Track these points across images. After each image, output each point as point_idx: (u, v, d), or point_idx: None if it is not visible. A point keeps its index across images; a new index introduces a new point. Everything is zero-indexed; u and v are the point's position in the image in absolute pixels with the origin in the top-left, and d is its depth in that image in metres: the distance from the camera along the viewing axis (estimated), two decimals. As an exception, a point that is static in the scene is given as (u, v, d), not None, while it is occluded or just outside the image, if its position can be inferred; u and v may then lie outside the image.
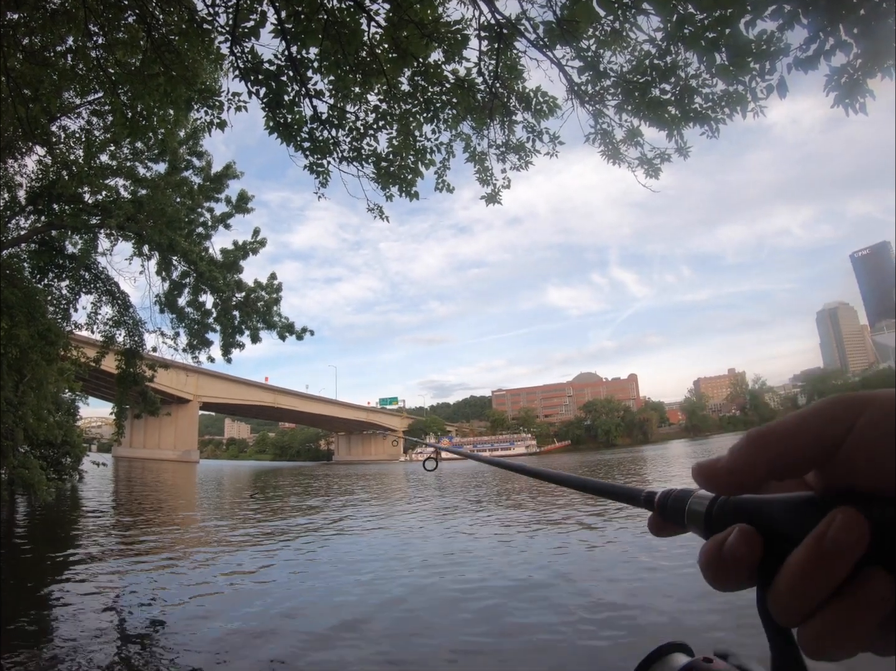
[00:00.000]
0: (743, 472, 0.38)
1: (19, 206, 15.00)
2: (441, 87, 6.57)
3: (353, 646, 5.69)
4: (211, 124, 6.76)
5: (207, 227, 17.88)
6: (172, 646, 5.82)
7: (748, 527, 0.36)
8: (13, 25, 7.22)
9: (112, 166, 15.72)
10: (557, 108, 6.98)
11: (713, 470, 0.39)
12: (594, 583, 7.64)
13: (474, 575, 8.33)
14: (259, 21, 5.55)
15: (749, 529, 0.36)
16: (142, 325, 17.93)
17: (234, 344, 17.79)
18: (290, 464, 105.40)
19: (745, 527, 0.36)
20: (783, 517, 0.35)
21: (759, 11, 4.33)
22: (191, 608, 7.15)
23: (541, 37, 6.06)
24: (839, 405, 0.35)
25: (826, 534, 0.32)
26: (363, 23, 5.74)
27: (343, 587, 8.03)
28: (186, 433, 78.76)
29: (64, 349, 15.26)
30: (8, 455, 14.76)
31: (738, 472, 0.38)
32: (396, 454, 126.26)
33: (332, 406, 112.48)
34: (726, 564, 0.36)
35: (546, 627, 5.96)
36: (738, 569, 0.36)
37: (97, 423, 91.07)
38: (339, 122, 6.80)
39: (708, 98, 5.84)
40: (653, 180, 7.07)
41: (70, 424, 23.76)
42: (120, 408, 18.65)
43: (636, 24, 5.61)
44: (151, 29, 5.83)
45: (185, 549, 11.52)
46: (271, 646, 5.70)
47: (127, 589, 8.19)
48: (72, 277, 16.40)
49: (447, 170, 7.63)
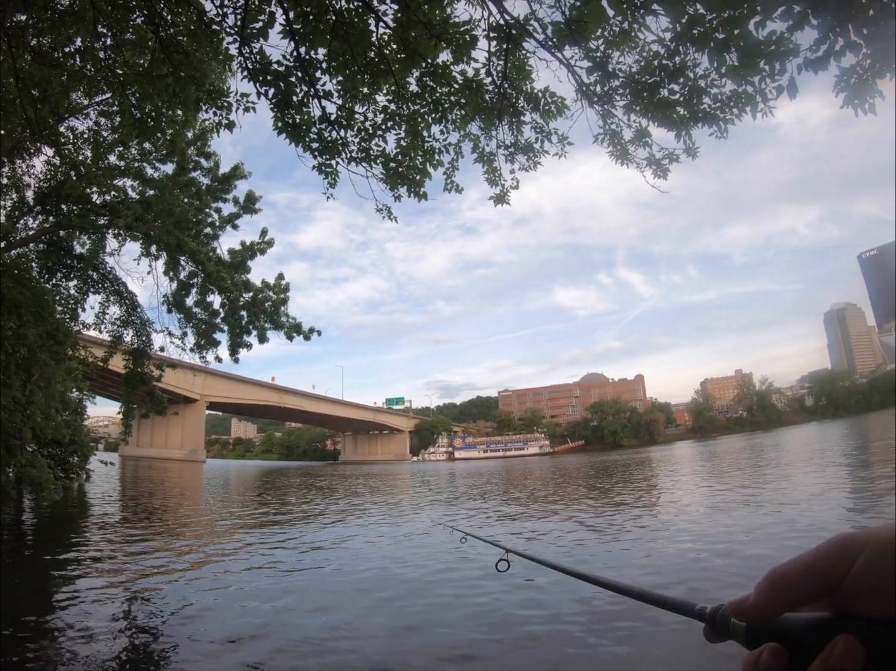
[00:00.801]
0: (765, 611, 0.49)
1: (28, 207, 15.06)
2: (449, 88, 6.56)
3: (362, 645, 5.69)
4: (219, 125, 6.76)
5: (215, 227, 17.89)
6: (176, 643, 5.84)
7: (777, 646, 0.46)
8: (21, 26, 7.26)
9: (120, 167, 15.77)
10: (566, 109, 6.96)
11: (744, 608, 0.50)
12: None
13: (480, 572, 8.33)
14: (267, 22, 5.55)
15: (778, 648, 0.46)
16: (149, 325, 17.96)
17: (241, 344, 17.80)
18: (296, 464, 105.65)
19: (774, 647, 0.46)
20: (803, 635, 0.45)
21: (769, 12, 4.30)
22: (196, 606, 7.17)
23: (549, 37, 6.04)
24: (841, 547, 0.45)
25: (830, 657, 0.42)
26: (371, 23, 5.73)
27: (351, 585, 8.03)
28: (193, 433, 78.96)
29: (72, 349, 15.33)
30: (16, 453, 14.86)
31: (762, 611, 0.49)
32: (403, 454, 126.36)
33: (339, 406, 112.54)
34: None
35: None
36: None
37: (104, 423, 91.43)
38: (347, 122, 6.80)
39: (717, 98, 5.80)
40: (661, 181, 7.04)
41: (77, 423, 23.86)
42: (127, 407, 18.69)
43: (645, 25, 5.59)
44: (160, 29, 5.84)
45: (191, 548, 11.55)
46: (277, 645, 5.71)
47: (133, 587, 8.21)
48: (80, 277, 16.44)
49: (456, 170, 7.62)
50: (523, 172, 7.64)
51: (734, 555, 8.59)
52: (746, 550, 8.93)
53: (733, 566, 7.96)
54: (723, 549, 9.01)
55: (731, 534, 10.38)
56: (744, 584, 0.62)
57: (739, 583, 6.92)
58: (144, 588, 8.16)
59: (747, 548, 9.09)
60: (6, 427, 13.65)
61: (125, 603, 7.49)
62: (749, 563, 7.92)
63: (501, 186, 7.69)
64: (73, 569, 9.38)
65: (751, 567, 7.68)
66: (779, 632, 0.47)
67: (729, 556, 8.53)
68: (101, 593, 7.84)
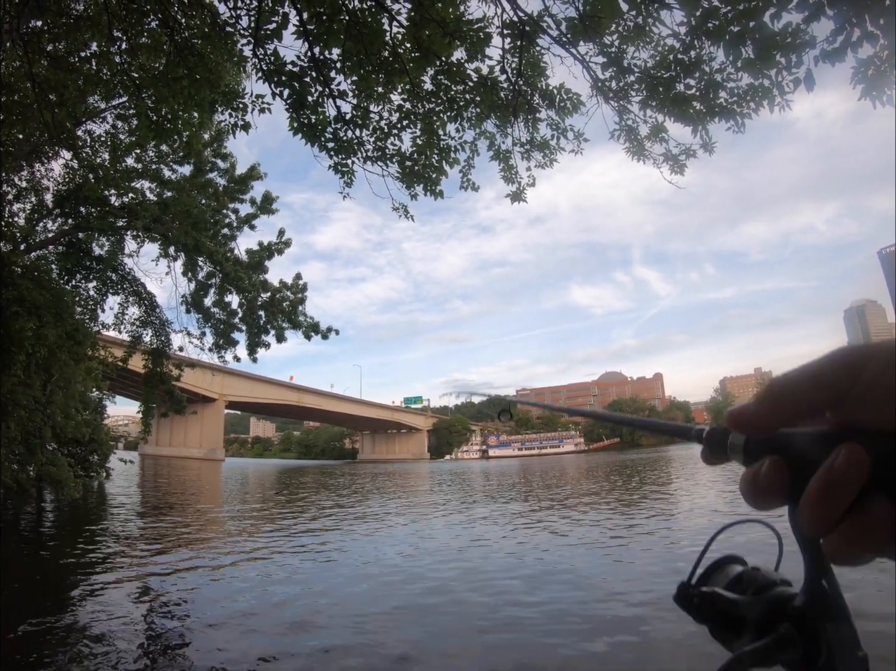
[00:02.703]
0: (766, 420, 0.45)
1: (47, 210, 15.22)
2: (464, 86, 6.54)
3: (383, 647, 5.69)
4: (235, 126, 6.79)
5: (232, 228, 17.97)
6: (193, 643, 5.86)
7: (778, 458, 0.44)
8: (37, 32, 7.33)
9: (137, 169, 15.90)
10: (581, 105, 6.92)
11: (743, 417, 0.46)
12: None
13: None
14: (281, 23, 5.56)
15: (778, 460, 0.44)
16: (168, 325, 18.09)
17: (259, 343, 17.89)
18: (314, 463, 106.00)
19: (775, 459, 0.44)
20: (805, 449, 0.43)
21: (784, 3, 4.26)
22: (215, 605, 7.20)
23: (564, 33, 6.01)
24: (847, 356, 0.42)
25: (834, 464, 0.39)
26: (385, 23, 5.73)
27: (374, 583, 8.04)
28: (212, 431, 79.46)
29: (91, 349, 15.50)
30: (36, 452, 15.05)
31: (763, 419, 0.45)
32: (421, 453, 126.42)
33: (357, 405, 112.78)
34: (762, 489, 0.44)
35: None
36: (771, 492, 0.44)
37: (124, 422, 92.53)
38: (362, 121, 6.80)
39: (733, 92, 5.74)
40: (678, 177, 6.99)
41: (97, 422, 24.07)
42: (147, 406, 18.84)
43: (659, 19, 5.55)
44: (174, 33, 5.87)
45: (210, 547, 11.62)
46: (296, 645, 5.72)
47: (151, 585, 8.26)
48: (99, 278, 16.60)
49: (472, 168, 7.61)
50: (539, 170, 7.63)
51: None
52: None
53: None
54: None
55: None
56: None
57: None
58: (163, 585, 8.21)
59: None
60: (27, 426, 13.81)
61: (143, 601, 7.53)
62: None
63: (518, 184, 7.67)
64: (91, 566, 9.47)
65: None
66: (779, 446, 0.45)
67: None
68: (119, 590, 7.90)
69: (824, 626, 0.45)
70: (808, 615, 0.46)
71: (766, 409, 0.45)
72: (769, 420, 0.45)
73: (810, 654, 0.46)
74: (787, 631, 0.47)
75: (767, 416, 0.45)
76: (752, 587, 0.54)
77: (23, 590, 7.91)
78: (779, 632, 0.48)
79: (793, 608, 0.48)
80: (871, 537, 0.39)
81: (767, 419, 0.45)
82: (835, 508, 0.40)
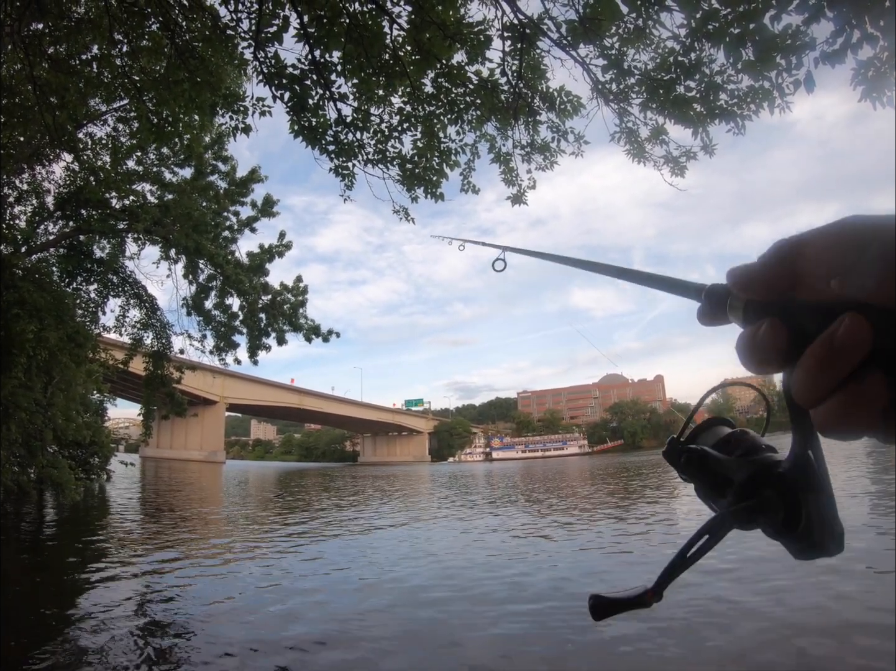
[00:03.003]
0: (770, 282, 0.44)
1: (48, 212, 15.25)
2: (465, 88, 6.55)
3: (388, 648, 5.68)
4: (236, 129, 6.81)
5: (233, 230, 18.02)
6: (193, 644, 5.86)
7: (777, 320, 0.43)
8: (38, 35, 7.35)
9: (138, 171, 15.95)
10: (582, 108, 6.93)
11: (745, 277, 0.46)
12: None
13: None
14: (282, 26, 5.57)
15: (778, 322, 0.43)
16: (169, 328, 18.12)
17: (260, 346, 17.93)
18: (315, 465, 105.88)
19: (774, 320, 0.43)
20: (807, 315, 0.42)
21: (784, 5, 4.27)
22: (214, 608, 7.20)
23: (564, 36, 6.03)
24: (859, 226, 0.40)
25: (835, 332, 0.38)
26: (385, 25, 5.74)
27: (375, 587, 8.04)
28: (213, 434, 79.37)
29: (92, 351, 15.49)
30: (37, 455, 15.04)
31: (766, 282, 0.44)
32: (422, 456, 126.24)
33: (358, 407, 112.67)
34: (759, 350, 0.44)
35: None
36: (768, 355, 0.43)
37: (125, 424, 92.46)
38: (363, 124, 6.81)
39: (733, 94, 5.75)
40: (678, 179, 7.00)
41: (98, 425, 24.02)
42: (148, 409, 18.86)
43: (659, 21, 5.56)
44: (175, 36, 5.88)
45: (210, 548, 11.62)
46: (294, 646, 5.72)
47: (151, 587, 8.26)
48: (100, 281, 16.63)
49: (472, 171, 7.63)
50: (540, 172, 7.64)
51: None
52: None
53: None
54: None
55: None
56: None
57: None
58: (164, 587, 8.21)
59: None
60: (28, 428, 13.82)
61: (143, 602, 7.53)
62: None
63: (518, 186, 7.68)
64: (91, 568, 9.45)
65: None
66: (780, 309, 0.44)
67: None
68: (118, 592, 7.89)
69: (806, 496, 0.47)
70: (791, 483, 0.47)
71: (771, 272, 0.44)
72: (773, 283, 0.44)
73: (789, 521, 0.47)
74: (769, 496, 0.49)
75: (771, 279, 0.44)
76: (739, 449, 0.55)
77: (23, 592, 7.92)
78: (762, 495, 0.49)
79: (777, 474, 0.49)
80: (862, 412, 0.39)
81: (771, 282, 0.44)
82: (830, 378, 0.39)
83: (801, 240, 0.43)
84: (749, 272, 0.45)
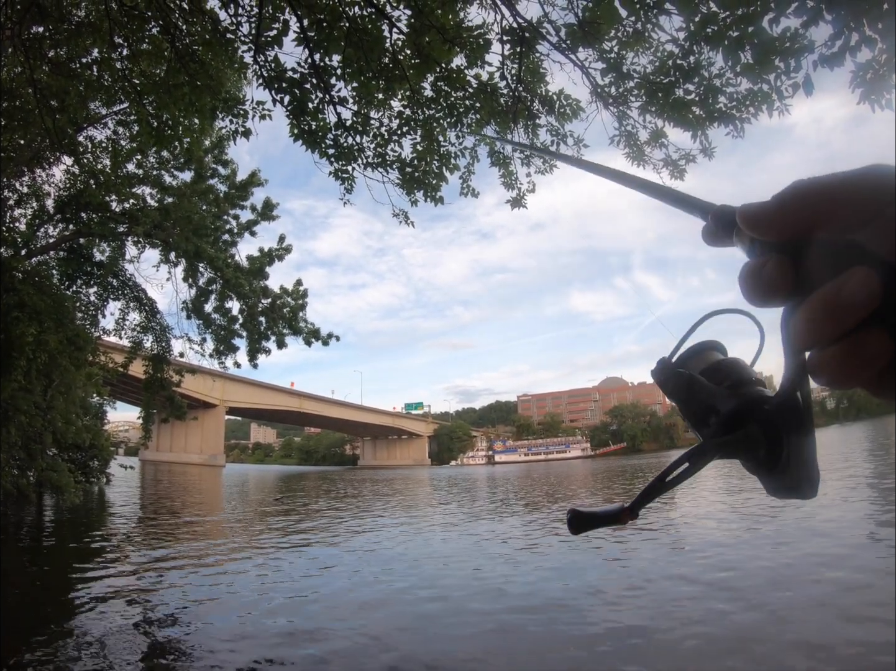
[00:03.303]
0: (780, 224, 0.42)
1: (48, 215, 15.23)
2: (464, 92, 6.56)
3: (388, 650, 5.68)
4: (236, 132, 6.82)
5: (233, 234, 17.98)
6: (193, 645, 5.87)
7: (785, 257, 0.42)
8: (39, 38, 7.36)
9: (138, 175, 15.92)
10: (581, 111, 6.95)
11: (758, 218, 0.43)
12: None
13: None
14: (281, 30, 5.59)
15: (786, 261, 0.42)
16: (169, 331, 18.06)
17: (260, 349, 17.88)
18: (315, 469, 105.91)
19: (783, 259, 0.42)
20: (817, 259, 0.41)
21: (783, 8, 4.27)
22: (214, 607, 7.20)
23: (563, 39, 6.05)
24: (881, 180, 0.38)
25: (845, 282, 0.37)
26: (385, 29, 5.76)
27: (375, 589, 8.03)
28: (213, 437, 79.22)
29: (92, 354, 15.47)
30: (36, 458, 15.01)
31: (778, 225, 0.42)
32: (422, 459, 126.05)
33: (358, 411, 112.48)
34: (764, 284, 0.42)
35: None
36: (772, 291, 0.42)
37: (125, 427, 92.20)
38: (363, 128, 6.82)
39: (732, 97, 5.76)
40: (678, 182, 7.01)
41: (98, 428, 23.98)
42: (147, 412, 18.83)
43: (658, 25, 5.57)
44: (175, 39, 5.89)
45: (210, 550, 11.61)
46: (293, 646, 5.72)
47: (150, 589, 8.26)
48: (100, 284, 16.60)
49: (472, 174, 7.64)
50: (539, 175, 7.66)
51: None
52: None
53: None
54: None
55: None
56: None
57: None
58: (162, 589, 8.21)
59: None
60: (27, 431, 13.79)
61: (142, 604, 7.52)
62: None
63: (518, 190, 7.69)
64: (91, 570, 9.45)
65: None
66: (789, 248, 0.42)
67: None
68: (118, 593, 7.88)
69: (789, 436, 0.46)
70: (776, 421, 0.47)
71: (785, 218, 0.42)
72: (782, 226, 0.42)
73: (770, 459, 0.48)
74: (753, 432, 0.49)
75: (782, 220, 0.42)
76: (728, 380, 0.55)
77: (23, 594, 7.91)
78: (746, 430, 0.50)
79: (763, 411, 0.49)
80: (861, 366, 0.38)
81: (784, 228, 0.42)
82: (833, 328, 0.38)
83: (821, 184, 0.41)
84: (762, 214, 0.43)
